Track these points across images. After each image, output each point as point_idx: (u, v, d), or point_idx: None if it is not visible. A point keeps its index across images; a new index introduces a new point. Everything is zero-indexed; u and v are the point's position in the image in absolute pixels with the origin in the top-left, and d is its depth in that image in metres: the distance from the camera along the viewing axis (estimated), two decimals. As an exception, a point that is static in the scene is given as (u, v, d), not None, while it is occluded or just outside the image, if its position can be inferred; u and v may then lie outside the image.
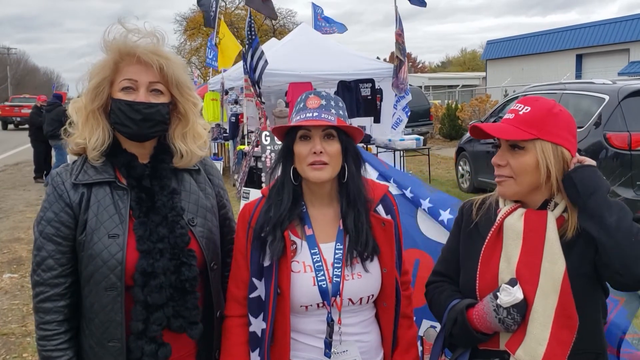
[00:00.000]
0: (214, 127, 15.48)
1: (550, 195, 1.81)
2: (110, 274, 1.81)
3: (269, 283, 1.88)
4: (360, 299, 1.91)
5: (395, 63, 11.84)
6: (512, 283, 1.75)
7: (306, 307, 1.89)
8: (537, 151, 1.76)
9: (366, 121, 13.03)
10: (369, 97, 12.54)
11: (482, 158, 10.35)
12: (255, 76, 10.82)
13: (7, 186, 14.34)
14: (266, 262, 1.89)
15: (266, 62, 10.77)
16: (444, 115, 22.53)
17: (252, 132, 11.69)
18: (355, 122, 12.69)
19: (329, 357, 1.88)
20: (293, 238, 1.91)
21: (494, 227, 1.86)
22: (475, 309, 1.81)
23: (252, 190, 4.19)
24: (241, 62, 13.08)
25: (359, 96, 12.40)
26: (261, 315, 1.91)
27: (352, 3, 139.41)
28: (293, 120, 1.91)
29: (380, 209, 1.99)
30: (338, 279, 1.87)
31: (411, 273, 2.30)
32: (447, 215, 2.71)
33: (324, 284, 1.86)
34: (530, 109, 1.79)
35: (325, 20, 16.11)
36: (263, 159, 9.09)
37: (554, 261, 1.72)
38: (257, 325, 1.92)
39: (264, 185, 2.19)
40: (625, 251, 1.62)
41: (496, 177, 1.84)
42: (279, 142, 2.03)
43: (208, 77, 20.93)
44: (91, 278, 1.83)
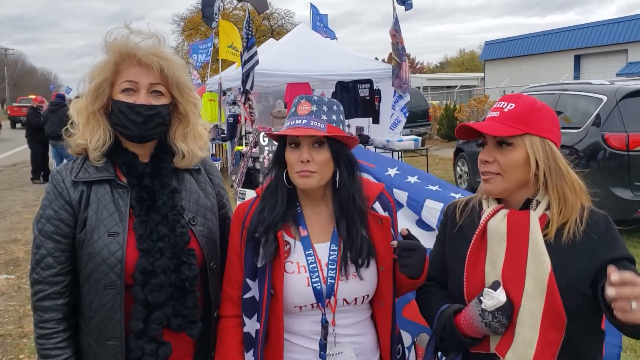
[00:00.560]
0: (211, 128, 15.48)
1: (534, 193, 1.80)
2: (110, 272, 1.80)
3: (262, 284, 1.87)
4: (355, 299, 1.90)
5: (393, 64, 11.83)
6: (494, 286, 1.73)
7: (300, 307, 1.87)
8: (526, 146, 1.75)
9: (364, 122, 13.05)
10: (367, 98, 12.54)
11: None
12: (243, 75, 10.81)
13: (4, 187, 14.32)
14: (260, 263, 1.88)
15: (257, 62, 10.77)
16: (442, 115, 22.53)
17: (250, 132, 11.69)
18: (354, 123, 12.72)
19: (324, 358, 1.87)
20: (287, 238, 1.90)
21: (478, 230, 1.84)
22: (462, 315, 1.80)
23: (248, 191, 4.19)
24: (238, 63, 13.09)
25: (357, 97, 12.39)
26: (255, 316, 1.91)
27: (352, 3, 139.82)
28: (285, 126, 1.89)
29: (377, 206, 1.97)
30: (332, 280, 1.86)
31: None
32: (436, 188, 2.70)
33: (318, 285, 1.85)
34: (514, 105, 1.79)
35: (320, 20, 16.11)
36: (261, 159, 9.07)
37: (539, 262, 1.70)
38: (251, 325, 1.91)
39: (261, 185, 2.19)
40: None
41: (482, 175, 1.81)
42: (277, 143, 2.02)
43: (206, 78, 20.91)
44: (91, 276, 1.83)
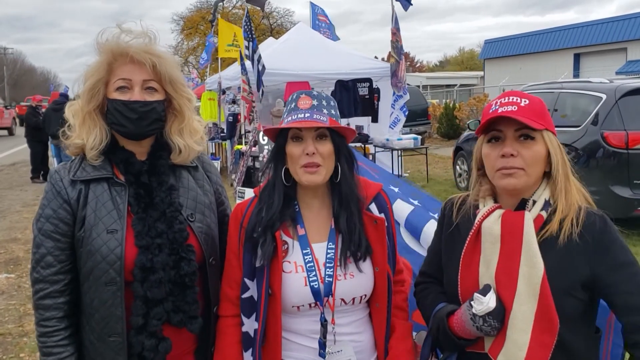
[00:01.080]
0: (211, 127, 15.48)
1: (531, 192, 1.78)
2: (110, 269, 1.81)
3: (260, 284, 1.88)
4: (353, 299, 1.90)
5: (392, 62, 11.84)
6: (485, 290, 1.73)
7: (298, 307, 1.88)
8: (546, 141, 1.75)
9: (364, 121, 13.04)
10: (367, 97, 12.53)
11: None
12: (256, 78, 10.81)
13: (4, 186, 14.32)
14: (258, 263, 1.88)
15: (264, 67, 10.78)
16: (442, 114, 22.53)
17: (249, 131, 11.69)
18: (353, 122, 12.72)
19: (324, 357, 1.87)
20: (285, 238, 1.90)
21: (472, 231, 1.83)
22: (454, 317, 1.80)
23: (247, 190, 4.18)
24: (237, 63, 13.09)
25: (356, 96, 12.39)
26: (253, 316, 1.91)
27: (351, 3, 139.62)
28: (285, 121, 1.89)
29: (373, 207, 1.97)
30: (330, 279, 1.86)
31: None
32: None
33: (315, 284, 1.85)
34: (529, 101, 1.77)
35: (329, 28, 16.03)
36: (261, 158, 9.09)
37: (532, 265, 1.69)
38: (250, 325, 1.92)
39: (257, 186, 2.20)
40: None
41: (503, 169, 1.74)
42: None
43: (205, 77, 20.91)
44: (91, 274, 1.84)
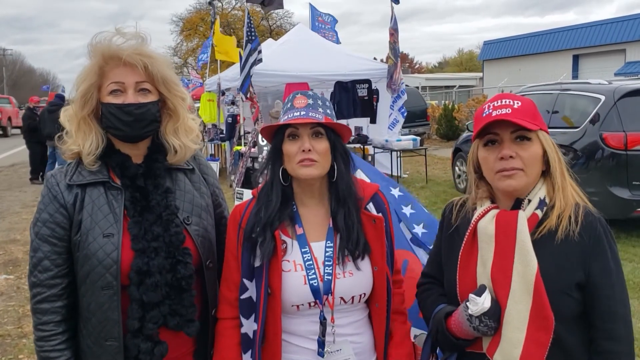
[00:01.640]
0: (210, 128, 15.48)
1: (527, 191, 1.80)
2: (106, 273, 1.81)
3: (259, 283, 1.88)
4: (352, 297, 1.91)
5: (390, 63, 11.88)
6: (479, 291, 1.75)
7: (297, 306, 1.88)
8: (542, 141, 1.78)
9: (363, 122, 13.05)
10: (366, 98, 12.55)
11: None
12: (244, 72, 10.80)
13: (3, 188, 14.31)
14: (257, 263, 1.89)
15: (260, 60, 10.76)
16: (441, 115, 22.54)
17: (248, 132, 11.69)
18: (352, 123, 12.72)
19: (323, 356, 1.87)
20: (283, 238, 1.91)
21: (469, 231, 1.85)
22: (452, 318, 1.82)
23: (246, 191, 4.18)
24: (238, 63, 13.09)
25: (355, 97, 12.40)
26: (252, 317, 1.91)
27: (350, 4, 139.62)
28: (281, 120, 1.91)
29: (370, 207, 1.99)
30: (329, 277, 1.87)
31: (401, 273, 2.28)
32: (421, 230, 2.76)
33: (315, 283, 1.86)
34: (521, 102, 1.80)
35: (332, 25, 16.00)
36: (260, 159, 9.09)
37: (526, 263, 1.71)
38: (249, 326, 1.92)
39: (259, 186, 2.20)
40: None
41: (503, 171, 1.76)
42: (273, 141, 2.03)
43: (205, 78, 20.91)
44: (87, 278, 1.84)
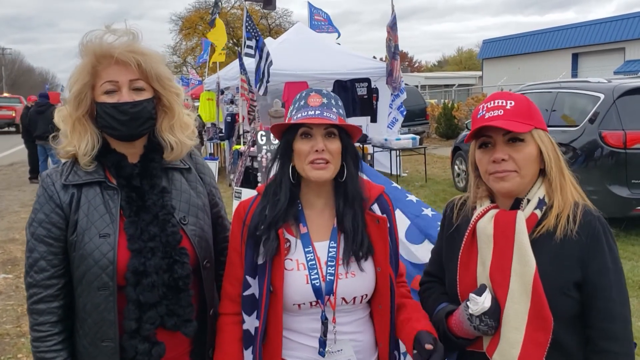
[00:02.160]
0: (209, 127, 15.47)
1: (526, 191, 1.79)
2: (102, 274, 1.80)
3: (262, 281, 1.88)
4: (354, 298, 1.90)
5: (387, 61, 11.92)
6: (480, 290, 1.75)
7: (299, 305, 1.88)
8: (536, 140, 1.77)
9: (362, 121, 13.05)
10: (365, 97, 12.57)
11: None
12: (261, 74, 10.78)
13: (2, 187, 14.29)
14: (260, 260, 1.88)
15: (271, 62, 10.76)
16: (440, 114, 22.54)
17: (247, 132, 11.68)
18: (352, 122, 12.71)
19: (324, 355, 1.87)
20: (287, 236, 1.90)
21: (468, 231, 1.85)
22: (453, 318, 1.82)
23: (245, 190, 4.18)
24: (236, 62, 13.10)
25: (355, 95, 12.43)
26: (254, 314, 1.91)
27: (350, 3, 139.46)
28: (293, 118, 1.89)
29: (375, 208, 1.98)
30: (332, 277, 1.86)
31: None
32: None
33: (317, 282, 1.85)
34: (514, 102, 1.79)
35: (326, 19, 16.03)
36: (259, 158, 9.08)
37: (524, 263, 1.70)
38: (251, 323, 1.92)
39: (259, 184, 2.20)
40: None
41: (496, 173, 1.77)
42: (275, 142, 2.02)
43: (204, 77, 20.91)
44: (83, 278, 1.83)
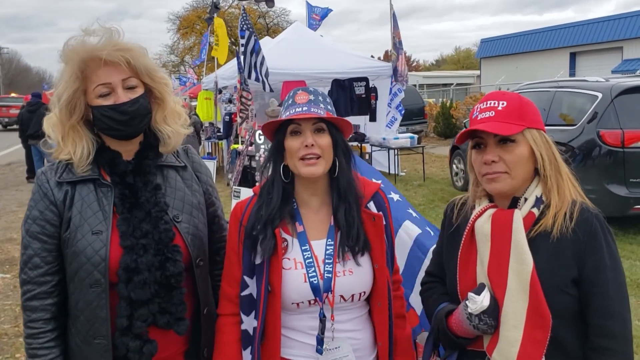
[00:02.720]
0: (207, 126, 15.46)
1: (523, 190, 1.79)
2: (94, 271, 1.80)
3: (260, 281, 1.88)
4: (352, 295, 1.90)
5: (393, 58, 11.96)
6: (479, 289, 1.75)
7: (297, 304, 1.88)
8: (528, 141, 1.76)
9: (360, 120, 13.06)
10: (363, 96, 12.58)
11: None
12: (260, 77, 10.78)
13: (-1, 186, 14.28)
14: (257, 260, 1.89)
15: (263, 58, 10.76)
16: (438, 113, 22.53)
17: (239, 133, 11.67)
18: (350, 121, 12.74)
19: (321, 353, 1.87)
20: (284, 235, 1.91)
21: (466, 231, 1.86)
22: (452, 317, 1.83)
23: (243, 189, 4.19)
24: (234, 61, 13.08)
25: (352, 95, 12.43)
26: (253, 313, 1.91)
27: (349, 2, 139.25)
28: (282, 117, 1.91)
29: (371, 205, 1.99)
30: (329, 275, 1.87)
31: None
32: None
33: (315, 280, 1.86)
34: (506, 102, 1.79)
35: (319, 15, 16.06)
36: (257, 157, 9.07)
37: (521, 261, 1.71)
38: (249, 323, 1.92)
39: (257, 184, 2.22)
40: None
41: (487, 175, 1.79)
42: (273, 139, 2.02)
43: (201, 77, 20.90)
44: (75, 275, 1.83)
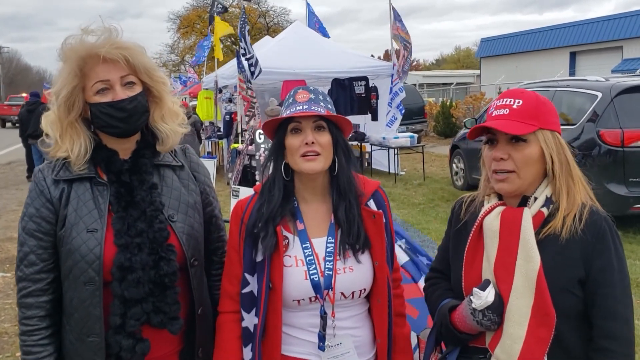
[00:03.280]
0: (207, 126, 15.46)
1: (533, 189, 1.79)
2: (89, 269, 1.81)
3: (261, 278, 1.89)
4: (353, 293, 1.92)
5: (402, 53, 11.99)
6: (484, 285, 1.76)
7: (298, 301, 1.89)
8: (540, 141, 1.75)
9: (360, 119, 13.07)
10: (363, 95, 12.61)
11: (477, 155, 10.23)
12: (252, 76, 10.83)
13: (0, 185, 14.27)
14: (258, 258, 1.90)
15: (260, 69, 10.82)
16: (438, 113, 22.54)
17: (246, 130, 11.68)
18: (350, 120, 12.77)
19: (323, 350, 1.88)
20: (285, 233, 1.92)
21: (475, 227, 1.86)
22: (456, 312, 1.83)
23: (242, 189, 4.19)
24: (234, 60, 13.08)
25: (352, 94, 12.46)
26: (253, 311, 1.92)
27: (349, 1, 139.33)
28: (283, 115, 1.92)
29: (371, 203, 2.00)
30: (330, 272, 1.88)
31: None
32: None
33: (315, 278, 1.87)
34: (522, 101, 1.78)
35: (317, 20, 16.08)
36: (257, 157, 9.07)
37: (529, 259, 1.71)
38: (250, 320, 1.93)
39: (257, 183, 2.23)
40: None
41: (496, 174, 1.78)
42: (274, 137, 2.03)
43: (202, 76, 20.90)
44: (70, 273, 1.84)
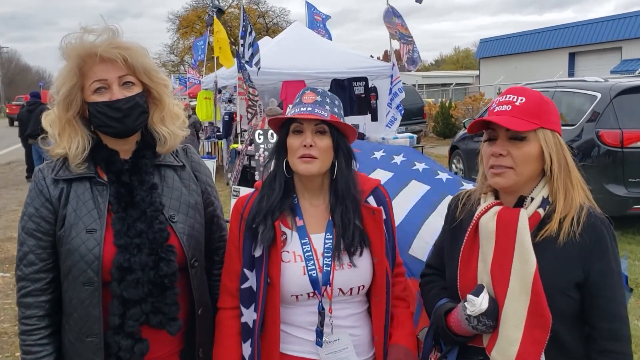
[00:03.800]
0: (207, 126, 15.47)
1: (530, 189, 1.79)
2: (88, 269, 1.81)
3: (259, 273, 1.90)
4: (351, 289, 1.93)
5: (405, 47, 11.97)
6: (477, 291, 1.76)
7: (296, 297, 1.90)
8: (540, 140, 1.75)
9: (359, 119, 13.07)
10: (362, 96, 12.61)
11: (476, 156, 10.29)
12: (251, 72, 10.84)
13: (-1, 185, 14.28)
14: (257, 253, 1.91)
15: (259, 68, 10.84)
16: (438, 113, 22.54)
17: (245, 130, 11.68)
18: (349, 121, 12.68)
19: (321, 345, 1.89)
20: (283, 229, 1.94)
21: (470, 227, 1.85)
22: (452, 316, 1.83)
23: (242, 189, 4.20)
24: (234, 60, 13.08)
25: (352, 94, 12.46)
26: (252, 306, 1.93)
27: (348, 1, 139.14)
28: (288, 114, 1.95)
29: (371, 200, 2.01)
30: (328, 268, 1.90)
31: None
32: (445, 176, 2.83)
33: (314, 273, 1.89)
34: (525, 99, 1.77)
35: (323, 21, 16.04)
36: (256, 157, 9.08)
37: (525, 261, 1.71)
38: (249, 316, 1.94)
39: (257, 182, 2.24)
40: None
41: (492, 168, 1.78)
42: (273, 140, 2.05)
43: (201, 76, 20.90)
44: (69, 273, 1.84)
